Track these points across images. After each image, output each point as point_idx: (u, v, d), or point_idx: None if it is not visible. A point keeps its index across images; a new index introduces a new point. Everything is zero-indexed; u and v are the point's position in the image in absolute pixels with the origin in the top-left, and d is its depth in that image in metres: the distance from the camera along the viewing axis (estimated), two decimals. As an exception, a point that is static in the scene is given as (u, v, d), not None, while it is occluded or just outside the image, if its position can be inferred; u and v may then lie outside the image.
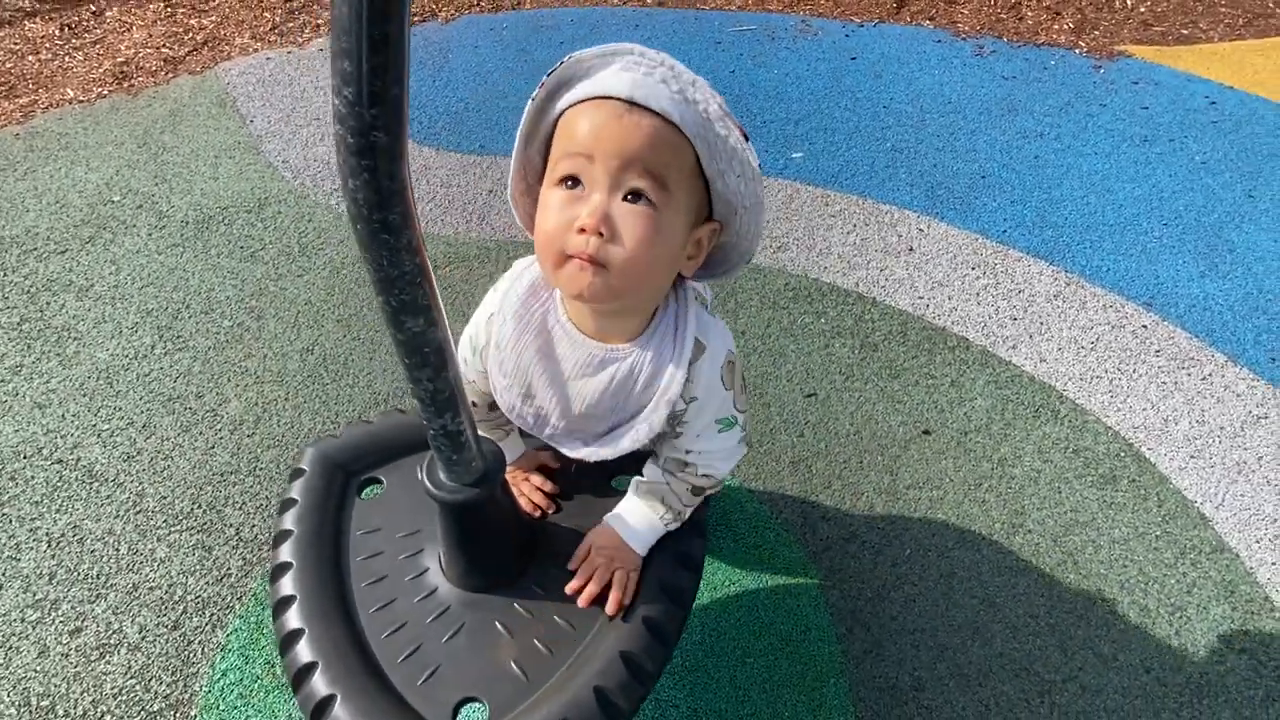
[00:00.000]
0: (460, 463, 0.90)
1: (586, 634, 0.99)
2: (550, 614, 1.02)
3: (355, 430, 1.25)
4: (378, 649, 1.01)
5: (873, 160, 2.56)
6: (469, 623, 1.02)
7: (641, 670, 0.95)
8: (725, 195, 0.88)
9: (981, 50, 3.08)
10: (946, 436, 1.81)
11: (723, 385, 0.99)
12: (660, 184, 0.83)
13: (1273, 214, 2.38)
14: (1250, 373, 1.94)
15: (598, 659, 0.95)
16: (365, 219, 0.64)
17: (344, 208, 2.35)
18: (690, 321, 0.95)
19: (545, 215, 0.86)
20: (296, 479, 1.19)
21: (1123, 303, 2.11)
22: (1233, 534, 1.64)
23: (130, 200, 2.37)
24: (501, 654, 0.99)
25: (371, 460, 1.23)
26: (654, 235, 0.84)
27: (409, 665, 0.99)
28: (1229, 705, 1.40)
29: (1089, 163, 2.56)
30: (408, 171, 0.64)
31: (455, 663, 0.98)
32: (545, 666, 0.97)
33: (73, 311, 2.05)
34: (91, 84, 2.87)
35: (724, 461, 1.07)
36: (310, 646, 0.99)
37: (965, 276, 2.18)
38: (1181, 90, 2.87)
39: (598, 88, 0.82)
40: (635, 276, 0.85)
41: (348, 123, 0.59)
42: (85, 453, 1.75)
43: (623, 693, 0.92)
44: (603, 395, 0.96)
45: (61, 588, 1.54)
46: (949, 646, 1.47)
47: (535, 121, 0.89)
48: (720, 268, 1.00)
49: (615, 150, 0.81)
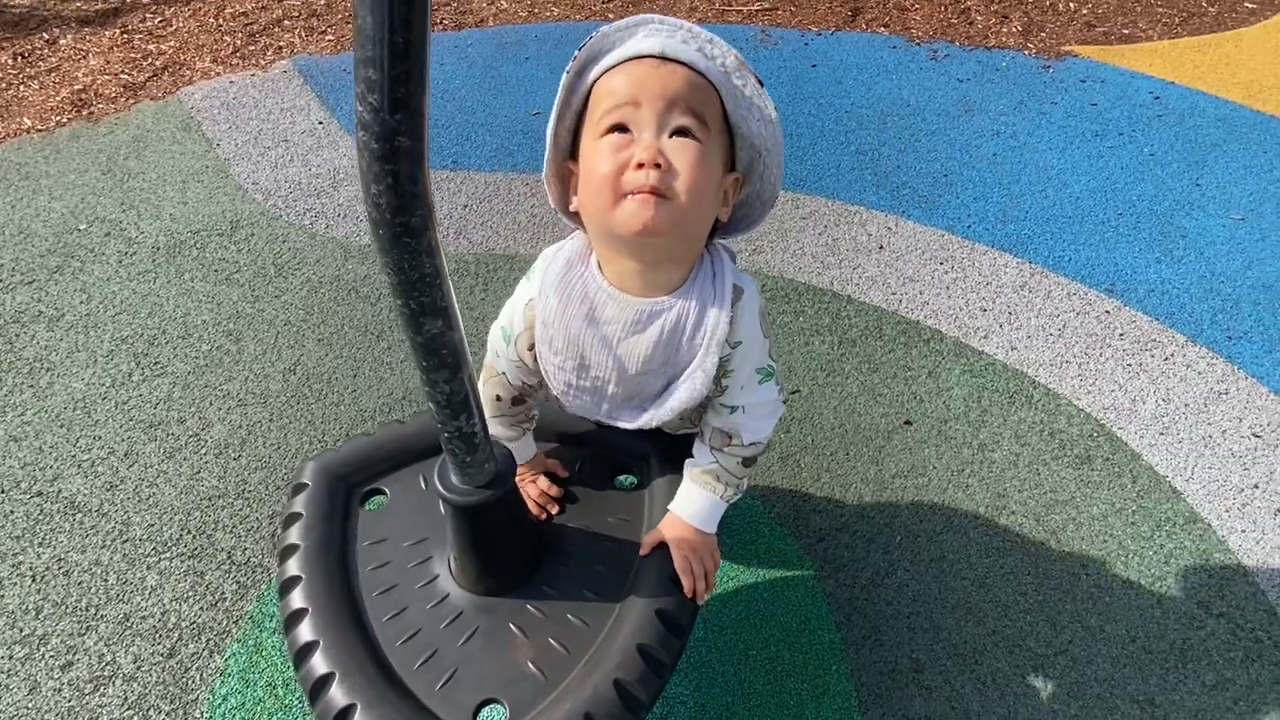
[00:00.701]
0: (474, 465, 0.91)
1: (601, 630, 1.01)
2: (563, 612, 1.03)
3: (356, 442, 1.25)
4: (393, 657, 1.01)
5: (839, 163, 2.62)
6: (483, 626, 1.03)
7: (658, 661, 0.96)
8: (750, 139, 0.96)
9: (935, 54, 3.18)
10: (927, 426, 1.86)
11: (761, 330, 1.05)
12: (701, 121, 0.90)
13: (1219, 201, 2.50)
14: (1209, 351, 2.03)
15: (615, 653, 0.96)
16: (388, 223, 0.66)
17: (318, 227, 2.35)
18: (727, 269, 1.01)
19: (597, 161, 0.91)
20: (299, 493, 1.18)
21: (1085, 290, 2.19)
22: (1203, 504, 1.71)
23: (98, 228, 2.33)
24: (518, 654, 0.99)
25: (373, 471, 1.23)
26: (704, 163, 0.91)
27: (426, 671, 0.99)
28: (1211, 667, 1.46)
29: (1045, 158, 2.66)
30: (428, 175, 0.65)
31: (472, 666, 0.99)
32: (563, 664, 0.98)
33: (44, 342, 2.01)
34: (49, 112, 2.82)
35: (767, 419, 1.10)
36: (326, 658, 0.99)
37: (935, 271, 2.25)
38: (1127, 87, 2.99)
39: (629, 51, 0.90)
40: (693, 204, 0.91)
41: (372, 129, 0.60)
42: (66, 484, 1.72)
43: (642, 684, 0.94)
44: (655, 349, 0.99)
45: (49, 622, 1.50)
46: (944, 627, 1.51)
47: (568, 96, 0.95)
48: (745, 220, 1.08)
49: (659, 92, 0.88)
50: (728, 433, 1.10)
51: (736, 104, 0.93)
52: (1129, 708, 1.41)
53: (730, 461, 1.12)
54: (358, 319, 2.08)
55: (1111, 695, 1.42)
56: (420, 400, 1.89)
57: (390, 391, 1.91)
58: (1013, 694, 1.42)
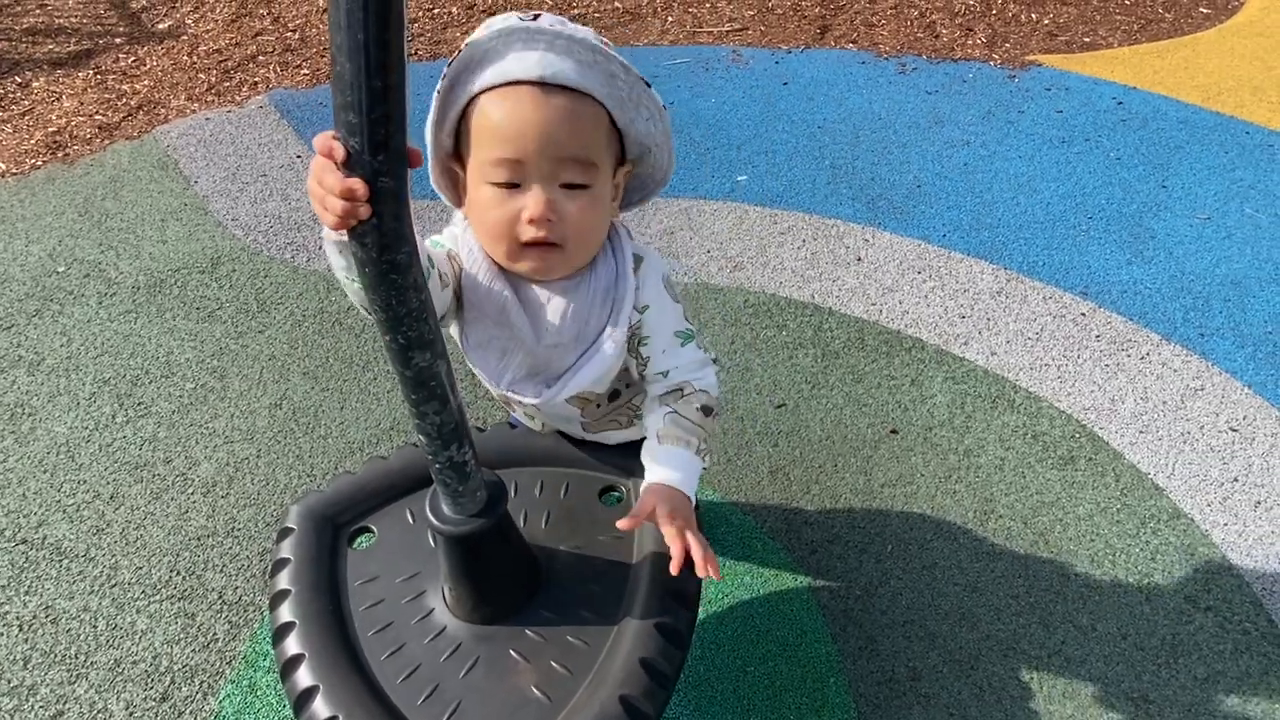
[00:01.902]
0: (465, 494, 0.92)
1: (602, 648, 1.01)
2: (563, 634, 1.03)
3: (340, 481, 1.25)
4: (395, 694, 1.00)
5: (814, 178, 2.66)
6: (483, 655, 1.03)
7: (662, 674, 0.97)
8: (639, 139, 0.98)
9: (904, 68, 3.24)
10: (913, 434, 1.88)
11: (669, 295, 1.07)
12: (589, 166, 0.92)
13: (1185, 201, 2.55)
14: (1183, 349, 2.07)
15: (618, 669, 0.96)
16: (374, 261, 0.67)
17: (299, 261, 2.35)
18: (624, 244, 1.05)
19: (488, 213, 0.93)
20: (285, 538, 1.17)
21: (1060, 293, 2.23)
22: (1185, 500, 1.74)
23: (76, 270, 2.32)
24: (521, 680, 0.99)
25: (360, 510, 1.23)
26: (595, 207, 0.94)
27: (430, 706, 0.99)
28: (1202, 661, 1.48)
29: (1014, 166, 2.71)
30: (410, 213, 0.67)
31: (476, 696, 0.99)
32: (567, 685, 0.98)
33: (24, 387, 1.99)
34: (23, 155, 2.81)
35: (703, 370, 1.11)
36: (327, 701, 0.98)
37: (913, 281, 2.28)
38: (1090, 93, 3.06)
39: (505, 73, 0.87)
40: (586, 245, 0.98)
41: (355, 171, 0.62)
42: (51, 530, 1.70)
43: (647, 698, 0.94)
44: (563, 321, 1.01)
45: (38, 671, 1.48)
46: (939, 634, 1.52)
47: (443, 109, 0.93)
48: (639, 196, 1.10)
49: (543, 149, 0.88)
50: (675, 387, 1.10)
51: (623, 109, 0.93)
52: (1124, 705, 1.42)
53: (689, 409, 1.08)
54: (343, 351, 2.08)
55: (1106, 694, 1.44)
56: (408, 432, 1.89)
57: (378, 422, 1.91)
58: (1009, 697, 1.43)
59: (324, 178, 0.64)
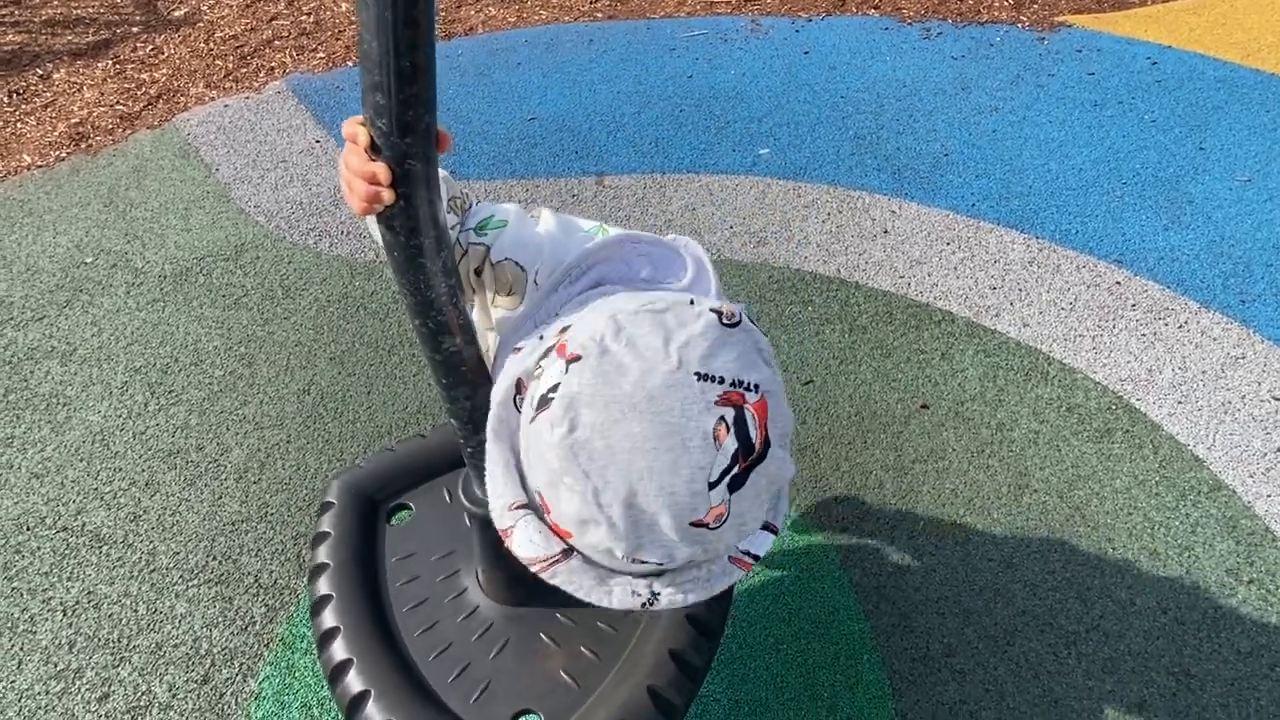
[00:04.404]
0: None
1: (631, 636, 1.01)
2: (593, 619, 1.03)
3: (379, 458, 1.25)
4: (427, 671, 1.01)
5: (838, 149, 2.61)
6: (514, 637, 1.03)
7: (691, 666, 0.96)
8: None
9: (929, 33, 3.16)
10: (944, 408, 1.85)
11: None
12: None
13: (1224, 164, 2.47)
14: (1223, 316, 2.01)
15: (647, 658, 0.96)
16: (403, 245, 0.65)
17: (322, 246, 2.36)
18: None
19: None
20: (326, 512, 1.19)
21: (1095, 262, 2.18)
22: (1226, 471, 1.70)
23: (104, 260, 2.34)
24: (550, 664, 0.99)
25: (398, 486, 1.24)
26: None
27: (460, 685, 0.99)
28: (1245, 634, 1.45)
29: (1045, 131, 2.64)
30: (440, 196, 0.65)
31: (505, 677, 0.99)
32: (595, 672, 0.98)
33: (59, 377, 2.02)
34: (48, 148, 2.83)
35: None
36: (360, 676, 0.99)
37: (941, 252, 2.24)
38: (1123, 54, 2.97)
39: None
40: None
41: (382, 155, 0.60)
42: (90, 517, 1.73)
43: (675, 689, 0.94)
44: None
45: (83, 655, 1.51)
46: (974, 610, 1.50)
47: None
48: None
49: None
50: None
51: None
52: (1164, 680, 1.40)
53: None
54: (368, 335, 2.09)
55: (1146, 668, 1.42)
56: (437, 413, 1.89)
57: (405, 406, 1.91)
58: (1046, 673, 1.41)
59: (350, 161, 0.62)
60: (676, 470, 0.58)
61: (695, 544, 0.60)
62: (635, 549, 0.59)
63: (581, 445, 0.58)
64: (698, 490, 0.58)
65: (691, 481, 0.58)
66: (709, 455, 0.58)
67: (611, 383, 0.58)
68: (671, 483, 0.57)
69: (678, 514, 0.58)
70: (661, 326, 0.61)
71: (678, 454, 0.57)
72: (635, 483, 0.57)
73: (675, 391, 0.58)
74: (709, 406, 0.59)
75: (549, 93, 2.92)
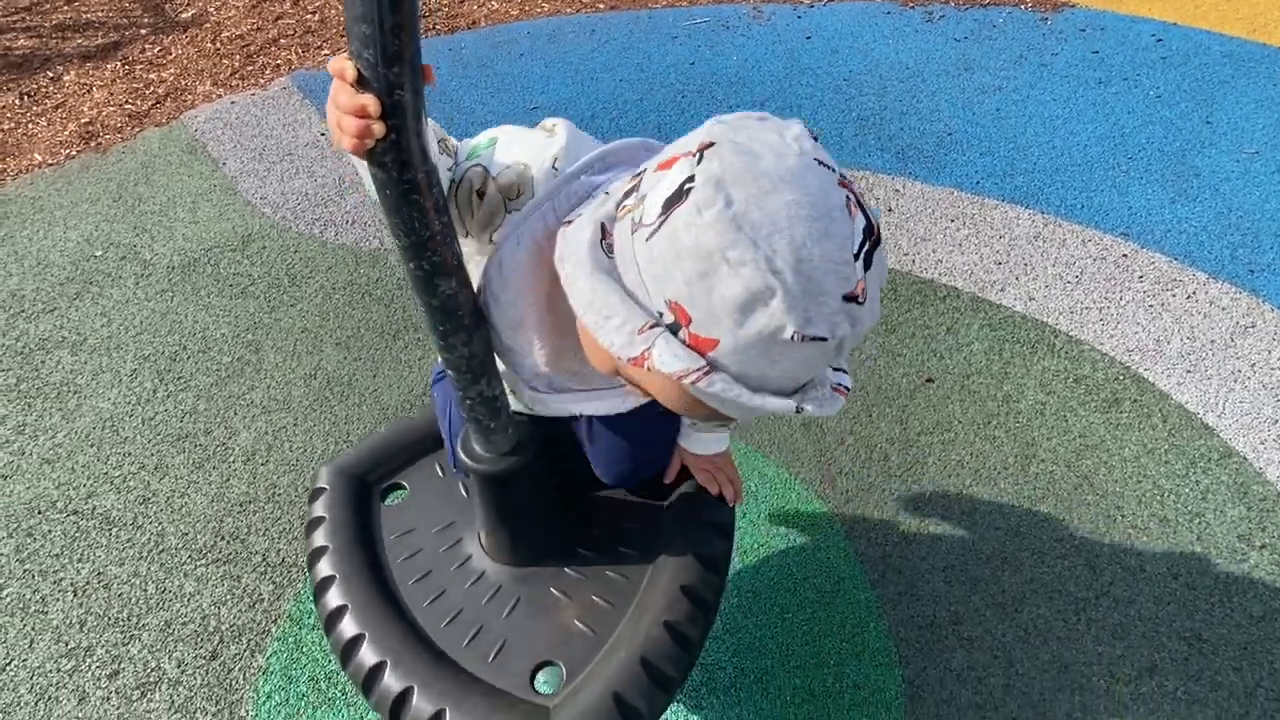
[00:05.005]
0: (498, 430, 0.91)
1: (641, 581, 1.01)
2: (602, 571, 1.04)
3: (368, 441, 1.25)
4: (440, 638, 1.01)
5: (840, 131, 2.60)
6: (524, 595, 1.03)
7: (703, 599, 0.97)
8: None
9: (930, 16, 3.15)
10: (950, 382, 1.84)
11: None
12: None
13: (1232, 138, 2.45)
14: (1232, 286, 1.99)
15: (660, 597, 0.97)
16: (395, 181, 0.65)
17: (328, 235, 2.37)
18: None
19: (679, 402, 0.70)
20: (318, 498, 1.18)
21: (1101, 235, 2.16)
22: (1237, 439, 1.68)
23: (113, 253, 2.37)
24: (564, 616, 1.00)
25: (390, 467, 1.23)
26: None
27: (477, 646, 0.99)
28: (1258, 599, 1.43)
29: (1049, 109, 2.62)
30: (428, 130, 0.65)
31: (521, 634, 0.99)
32: (609, 617, 0.98)
33: (69, 366, 2.04)
34: (58, 147, 2.87)
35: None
36: (374, 648, 0.98)
37: (946, 229, 2.23)
38: (1128, 32, 2.95)
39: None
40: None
41: (370, 85, 0.60)
42: (100, 501, 1.74)
43: (691, 623, 0.95)
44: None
45: (93, 634, 1.52)
46: (981, 578, 1.49)
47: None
48: None
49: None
50: None
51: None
52: (1176, 644, 1.38)
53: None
54: (373, 321, 2.10)
55: (1157, 633, 1.40)
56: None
57: (410, 388, 1.92)
58: (1056, 639, 1.40)
59: (338, 98, 0.62)
60: (830, 236, 0.57)
61: (847, 320, 0.58)
62: (805, 322, 0.57)
63: (742, 217, 0.56)
64: (848, 259, 0.58)
65: (843, 249, 0.57)
66: (849, 225, 0.58)
67: (754, 160, 0.57)
68: (828, 249, 0.57)
69: (839, 281, 0.57)
70: (769, 127, 0.61)
71: (827, 223, 0.57)
72: (800, 249, 0.56)
73: (810, 170, 0.58)
74: (836, 186, 0.59)
75: (551, 82, 2.93)
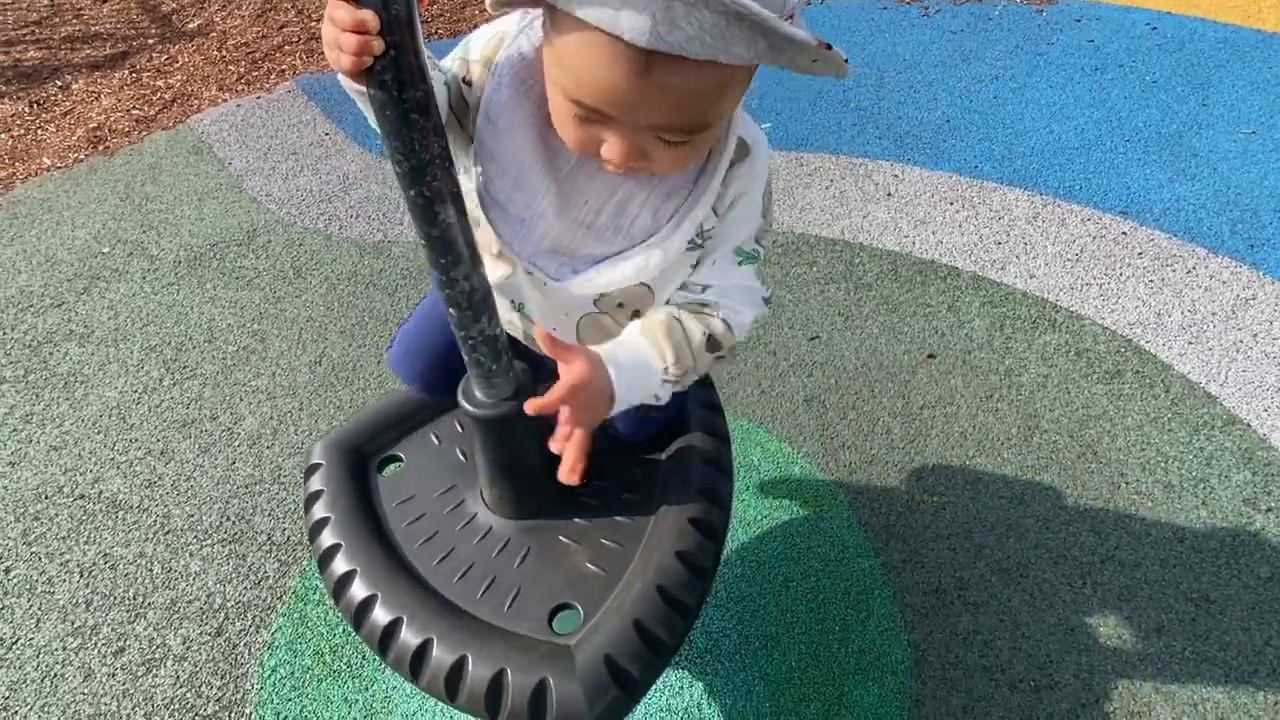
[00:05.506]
0: (499, 372, 0.91)
1: (649, 521, 1.02)
2: (609, 516, 1.04)
3: (361, 415, 1.25)
4: (452, 593, 1.00)
5: (839, 121, 2.63)
6: (533, 545, 1.04)
7: (711, 527, 0.98)
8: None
9: (927, 10, 3.18)
10: (951, 358, 1.84)
11: (760, 205, 0.82)
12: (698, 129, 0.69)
13: (1228, 119, 2.46)
14: (1232, 260, 1.99)
15: (669, 530, 0.97)
16: (395, 101, 0.66)
17: (332, 230, 2.40)
18: (731, 130, 0.77)
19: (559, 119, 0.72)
20: (314, 473, 1.18)
21: (1100, 215, 2.17)
22: (1241, 406, 1.67)
23: (120, 249, 2.40)
24: (575, 559, 1.00)
25: (385, 439, 1.23)
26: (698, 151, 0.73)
27: (491, 597, 0.99)
28: (1265, 561, 1.42)
29: (1046, 95, 2.64)
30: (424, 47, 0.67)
31: (534, 581, 0.99)
32: (620, 557, 0.98)
33: (77, 358, 2.06)
34: (67, 151, 2.91)
35: (744, 304, 0.88)
36: (386, 607, 0.98)
37: (945, 212, 2.24)
38: (1122, 21, 2.97)
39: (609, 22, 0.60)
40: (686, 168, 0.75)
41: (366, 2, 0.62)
42: (106, 485, 1.75)
43: (701, 552, 0.96)
44: (610, 199, 0.79)
45: (99, 613, 1.53)
46: (985, 545, 1.48)
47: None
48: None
49: (635, 119, 0.67)
50: (701, 303, 0.87)
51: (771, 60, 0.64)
52: (1183, 605, 1.37)
53: (696, 328, 0.85)
54: (377, 309, 2.12)
55: (1164, 595, 1.39)
56: (443, 377, 1.91)
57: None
58: (1062, 602, 1.39)
59: (335, 15, 0.63)
60: None
61: None
62: None
63: None
64: None
65: None
66: None
67: None
68: None
69: None
70: None
71: None
72: None
73: None
74: None
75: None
